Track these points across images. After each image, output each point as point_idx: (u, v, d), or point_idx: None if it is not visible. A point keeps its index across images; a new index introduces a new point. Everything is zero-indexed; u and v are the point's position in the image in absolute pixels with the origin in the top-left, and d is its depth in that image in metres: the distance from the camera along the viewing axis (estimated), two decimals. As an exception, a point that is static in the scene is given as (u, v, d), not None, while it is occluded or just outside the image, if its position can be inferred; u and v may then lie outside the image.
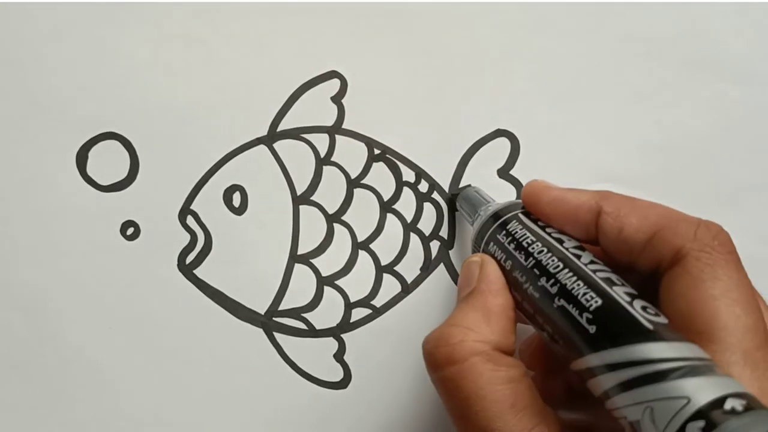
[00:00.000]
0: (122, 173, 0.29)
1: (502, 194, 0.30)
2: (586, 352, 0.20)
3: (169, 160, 0.29)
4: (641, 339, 0.19)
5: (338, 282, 0.30)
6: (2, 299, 0.29)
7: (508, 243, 0.24)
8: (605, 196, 0.23)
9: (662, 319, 0.20)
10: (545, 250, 0.23)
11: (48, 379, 0.29)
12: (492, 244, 0.25)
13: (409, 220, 0.30)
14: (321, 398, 0.29)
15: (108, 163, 0.29)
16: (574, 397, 0.25)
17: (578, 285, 0.21)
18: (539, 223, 0.24)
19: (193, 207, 0.29)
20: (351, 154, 0.30)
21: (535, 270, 0.22)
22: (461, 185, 0.30)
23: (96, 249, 0.29)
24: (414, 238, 0.30)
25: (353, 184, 0.30)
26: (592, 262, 0.22)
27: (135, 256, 0.29)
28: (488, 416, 0.20)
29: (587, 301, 0.20)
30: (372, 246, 0.30)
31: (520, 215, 0.25)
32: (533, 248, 0.23)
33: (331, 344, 0.29)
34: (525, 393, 0.21)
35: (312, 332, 0.29)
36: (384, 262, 0.30)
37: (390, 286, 0.30)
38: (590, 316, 0.20)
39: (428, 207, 0.30)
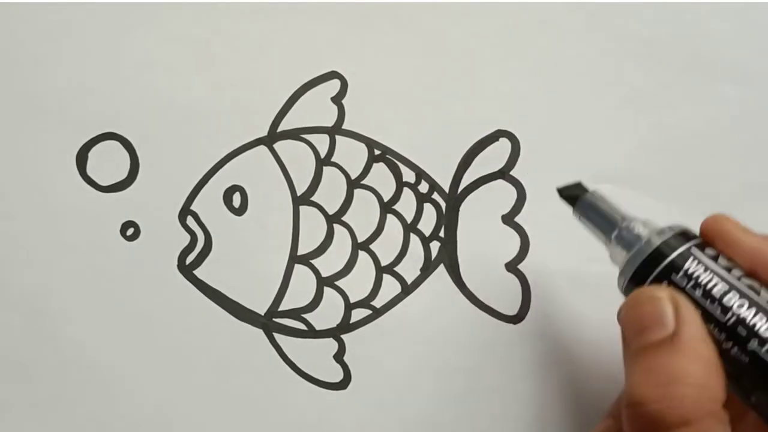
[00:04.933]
0: (122, 173, 0.29)
1: (503, 195, 0.30)
2: None
3: (169, 160, 0.30)
4: None
5: (338, 282, 0.30)
6: (2, 299, 0.29)
7: (692, 287, 0.20)
8: None
9: None
10: (746, 304, 0.20)
11: (48, 379, 0.29)
12: (668, 284, 0.21)
13: (409, 221, 0.30)
14: (321, 399, 0.29)
15: (108, 163, 0.29)
16: None
17: None
18: (720, 262, 0.21)
19: (193, 207, 0.29)
20: (351, 155, 0.30)
21: (739, 329, 0.19)
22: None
23: (96, 249, 0.29)
24: (414, 239, 0.30)
25: (353, 184, 0.30)
26: None
27: (135, 256, 0.29)
28: None
29: None
30: (372, 246, 0.30)
31: (696, 251, 0.21)
32: (730, 301, 0.20)
33: (331, 345, 0.29)
34: None
35: (312, 333, 0.29)
36: (384, 262, 0.30)
37: (390, 287, 0.30)
38: None
39: (428, 207, 0.30)
